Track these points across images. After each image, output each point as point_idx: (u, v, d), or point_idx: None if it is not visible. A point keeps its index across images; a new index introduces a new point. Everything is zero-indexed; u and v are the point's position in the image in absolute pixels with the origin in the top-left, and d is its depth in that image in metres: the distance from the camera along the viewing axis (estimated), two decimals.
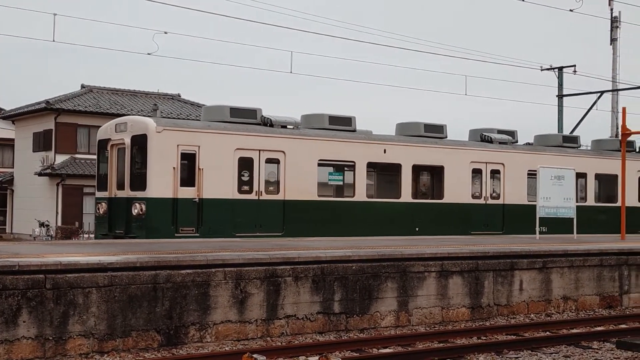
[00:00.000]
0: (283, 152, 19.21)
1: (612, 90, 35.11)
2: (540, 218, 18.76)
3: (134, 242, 15.57)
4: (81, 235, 31.89)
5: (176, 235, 17.47)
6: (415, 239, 18.09)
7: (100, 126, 20.35)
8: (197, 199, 17.81)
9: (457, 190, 22.01)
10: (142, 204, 17.34)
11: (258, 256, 11.61)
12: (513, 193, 22.84)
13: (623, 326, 13.26)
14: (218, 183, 18.13)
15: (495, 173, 22.92)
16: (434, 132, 22.46)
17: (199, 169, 17.87)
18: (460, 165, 22.10)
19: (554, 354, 10.82)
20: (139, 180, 17.78)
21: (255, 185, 18.79)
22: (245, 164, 18.67)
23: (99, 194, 19.37)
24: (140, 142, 17.83)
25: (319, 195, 19.82)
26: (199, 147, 17.90)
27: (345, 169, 20.56)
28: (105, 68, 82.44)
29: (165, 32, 25.62)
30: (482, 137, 23.49)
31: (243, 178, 18.69)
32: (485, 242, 17.17)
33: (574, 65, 33.33)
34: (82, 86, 39.61)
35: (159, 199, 17.48)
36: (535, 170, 19.15)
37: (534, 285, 14.43)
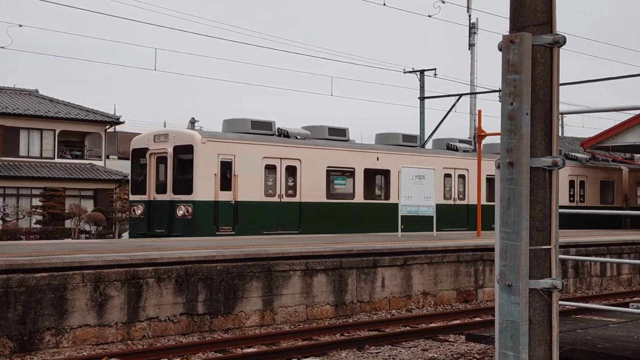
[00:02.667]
0: (299, 160, 21.98)
1: (470, 94, 36.69)
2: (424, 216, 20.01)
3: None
4: None
5: (217, 233, 19.82)
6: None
7: None
8: (233, 202, 20.30)
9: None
10: (189, 206, 19.66)
11: (118, 257, 11.26)
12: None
13: (477, 319, 13.86)
14: (249, 187, 20.75)
15: (461, 177, 26.54)
16: (410, 141, 26.05)
17: (235, 175, 20.40)
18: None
19: (412, 348, 11.15)
20: (184, 185, 20.15)
21: (278, 189, 21.56)
22: (270, 171, 21.41)
23: (134, 197, 21.44)
24: (184, 152, 20.20)
25: (327, 198, 22.77)
26: (234, 155, 20.43)
27: (347, 174, 23.55)
28: None
29: (20, 25, 24.52)
30: (448, 146, 26.96)
31: (268, 183, 21.39)
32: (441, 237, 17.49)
33: (435, 69, 34.60)
34: None
35: (204, 201, 19.93)
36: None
37: (395, 281, 14.83)
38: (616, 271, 19.91)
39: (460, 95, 33.05)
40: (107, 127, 40.41)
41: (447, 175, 26.02)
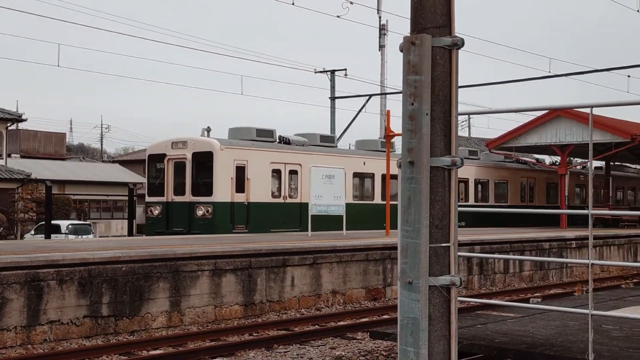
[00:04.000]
0: (300, 164, 23.91)
1: (380, 94, 37.17)
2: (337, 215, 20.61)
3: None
4: None
5: (232, 231, 21.76)
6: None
7: None
8: (246, 202, 22.29)
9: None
10: (209, 207, 21.68)
11: (18, 259, 10.86)
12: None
13: (385, 317, 14.06)
14: (259, 189, 22.92)
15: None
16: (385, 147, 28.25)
17: (247, 178, 22.48)
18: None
19: (321, 347, 11.22)
20: (204, 188, 22.30)
21: (283, 191, 23.80)
22: (276, 174, 23.62)
23: (151, 199, 23.42)
24: (204, 158, 22.29)
25: None
26: (247, 161, 22.51)
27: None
28: None
29: None
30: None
31: (274, 185, 23.61)
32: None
33: (345, 69, 34.91)
34: None
35: (222, 202, 22.09)
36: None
37: (305, 280, 14.87)
38: (519, 268, 20.56)
39: (370, 96, 33.49)
40: (8, 124, 38.96)
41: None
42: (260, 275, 13.92)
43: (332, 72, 35.11)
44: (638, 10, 27.71)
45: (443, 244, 4.78)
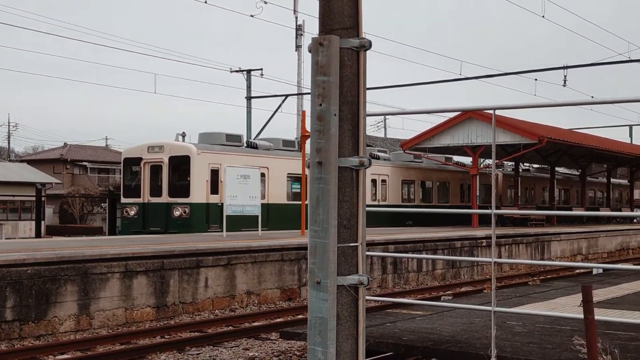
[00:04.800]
0: (267, 167, 25.33)
1: (297, 94, 37.25)
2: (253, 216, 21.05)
3: None
4: None
5: (208, 230, 22.79)
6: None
7: None
8: (220, 203, 22.52)
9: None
10: (186, 207, 22.72)
11: None
12: None
13: (300, 316, 14.09)
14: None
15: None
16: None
17: (221, 181, 22.81)
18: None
19: (234, 348, 11.15)
20: (181, 189, 23.59)
21: None
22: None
23: (127, 200, 24.47)
24: (181, 161, 23.49)
25: (287, 200, 26.51)
26: (220, 164, 23.12)
27: (300, 179, 25.98)
28: None
29: None
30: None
31: None
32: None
33: (262, 69, 34.82)
34: None
35: (199, 203, 23.33)
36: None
37: (219, 281, 14.76)
38: (431, 266, 20.95)
39: (287, 96, 33.50)
40: None
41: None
42: (173, 277, 13.73)
43: (248, 71, 34.97)
44: (543, 16, 28.69)
45: (351, 244, 4.82)
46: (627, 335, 6.36)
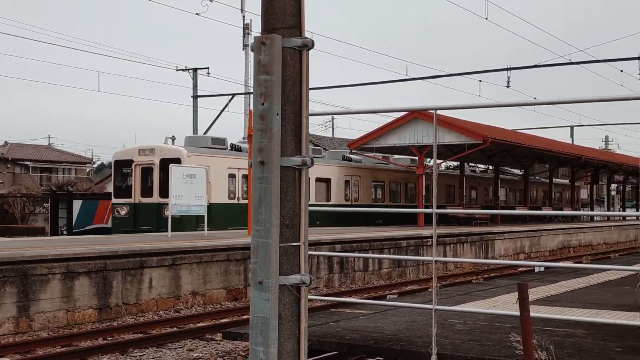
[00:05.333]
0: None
1: (244, 94, 37.08)
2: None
3: None
4: None
5: (197, 229, 23.22)
6: None
7: None
8: (207, 203, 22.45)
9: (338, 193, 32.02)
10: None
11: None
12: None
13: (245, 317, 14.03)
14: (219, 191, 25.38)
15: None
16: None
17: (209, 182, 23.09)
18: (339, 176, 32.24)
19: (178, 349, 11.05)
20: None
21: (237, 192, 26.43)
22: (232, 178, 26.31)
23: (117, 200, 25.57)
24: (172, 163, 23.21)
25: None
26: (208, 166, 23.32)
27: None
28: None
29: None
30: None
31: (230, 188, 26.24)
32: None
33: (208, 68, 34.57)
34: None
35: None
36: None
37: (163, 282, 14.60)
38: (377, 265, 21.09)
39: (234, 95, 33.33)
40: None
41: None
42: (116, 278, 13.53)
43: (194, 70, 34.67)
44: (486, 18, 29.15)
45: (293, 243, 4.81)
46: (564, 331, 6.51)
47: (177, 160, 24.16)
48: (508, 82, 32.30)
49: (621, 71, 35.79)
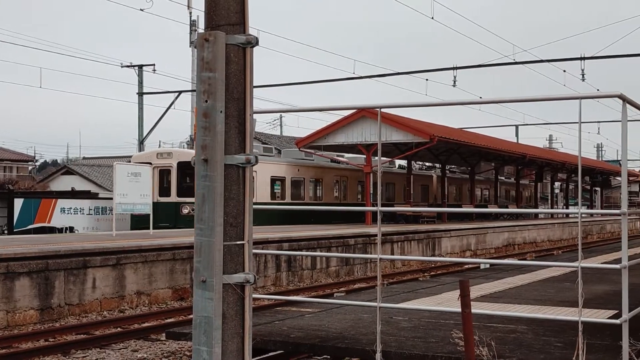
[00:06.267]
0: (255, 171, 28.32)
1: (191, 91, 36.76)
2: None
3: None
4: None
5: None
6: None
7: None
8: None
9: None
10: (193, 205, 23.29)
11: None
12: None
13: (192, 316, 13.87)
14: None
15: None
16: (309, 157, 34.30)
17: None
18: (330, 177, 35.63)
19: (122, 350, 10.88)
20: (189, 190, 26.58)
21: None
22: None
23: None
24: (189, 166, 24.39)
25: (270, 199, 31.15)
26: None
27: (279, 182, 31.48)
28: None
29: None
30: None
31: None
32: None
33: (154, 64, 34.14)
34: None
35: None
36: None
37: (107, 282, 14.37)
38: (325, 264, 21.12)
39: (180, 92, 32.99)
40: None
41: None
42: (58, 278, 13.26)
43: (140, 67, 34.20)
44: (432, 17, 29.45)
45: (238, 242, 4.77)
46: (506, 327, 6.60)
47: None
48: (454, 82, 32.69)
49: (564, 71, 36.56)
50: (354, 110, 28.82)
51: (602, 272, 11.21)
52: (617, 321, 4.85)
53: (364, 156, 32.50)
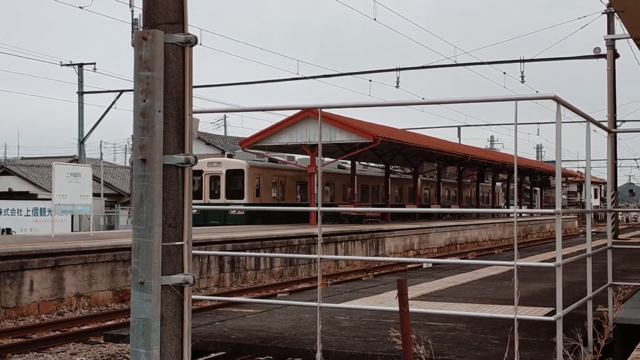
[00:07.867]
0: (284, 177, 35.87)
1: (131, 90, 36.21)
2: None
3: None
4: None
5: (254, 223, 30.18)
6: None
7: None
8: (260, 203, 30.80)
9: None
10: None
11: None
12: None
13: None
14: (267, 194, 33.27)
15: None
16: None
17: (261, 187, 32.52)
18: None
19: (60, 353, 10.68)
20: (236, 193, 32.22)
21: (277, 195, 34.41)
22: (275, 185, 34.30)
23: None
24: (236, 173, 32.48)
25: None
26: (260, 175, 32.74)
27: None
28: None
29: None
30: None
31: (275, 192, 34.10)
32: None
33: (95, 63, 33.54)
34: None
35: (249, 203, 32.01)
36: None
37: (45, 284, 14.08)
38: (269, 264, 21.08)
39: (122, 92, 32.51)
40: None
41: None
42: None
43: (80, 65, 33.55)
44: (375, 19, 29.67)
45: (177, 243, 4.73)
46: (445, 326, 6.69)
47: (241, 171, 32.27)
48: (397, 83, 32.98)
49: (504, 73, 37.23)
50: (298, 111, 28.85)
51: (540, 271, 11.45)
52: (552, 318, 4.96)
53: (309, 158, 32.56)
